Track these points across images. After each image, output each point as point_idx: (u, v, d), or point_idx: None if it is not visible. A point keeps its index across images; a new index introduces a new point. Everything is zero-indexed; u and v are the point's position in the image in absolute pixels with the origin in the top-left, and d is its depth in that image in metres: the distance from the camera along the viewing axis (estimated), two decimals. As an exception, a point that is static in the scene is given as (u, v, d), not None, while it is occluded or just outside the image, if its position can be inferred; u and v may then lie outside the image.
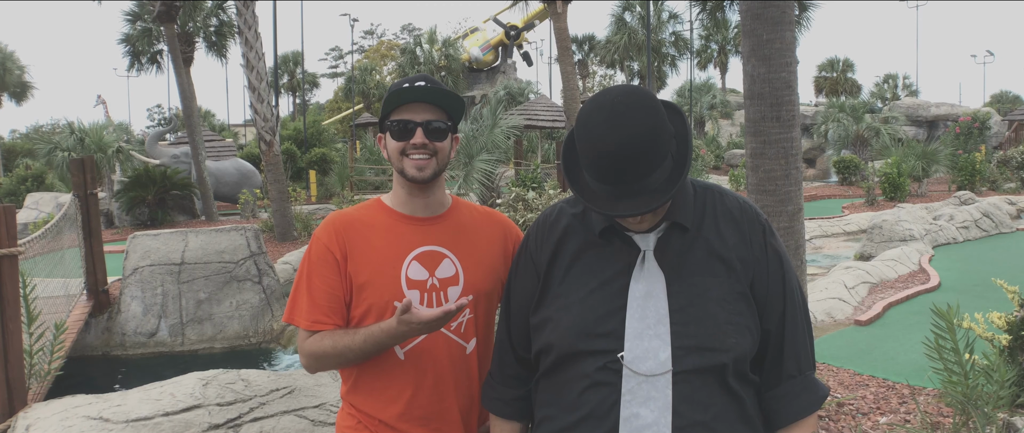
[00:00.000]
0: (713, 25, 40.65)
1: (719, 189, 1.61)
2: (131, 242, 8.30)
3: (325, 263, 1.76)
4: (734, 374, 1.49)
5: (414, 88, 1.75)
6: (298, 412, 3.88)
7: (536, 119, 24.13)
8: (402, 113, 1.76)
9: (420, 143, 1.75)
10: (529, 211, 8.00)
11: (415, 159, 1.76)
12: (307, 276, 1.77)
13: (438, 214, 1.85)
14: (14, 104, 42.77)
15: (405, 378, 1.77)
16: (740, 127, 39.42)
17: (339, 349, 1.72)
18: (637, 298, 1.47)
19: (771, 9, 3.96)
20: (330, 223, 1.80)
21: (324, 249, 1.76)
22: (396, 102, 1.76)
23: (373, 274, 1.75)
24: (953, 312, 3.39)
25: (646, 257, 1.50)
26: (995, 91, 59.11)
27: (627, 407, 1.44)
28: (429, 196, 1.83)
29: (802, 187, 4.14)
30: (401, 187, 1.83)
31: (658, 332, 1.45)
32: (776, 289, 1.53)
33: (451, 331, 1.79)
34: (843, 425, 4.31)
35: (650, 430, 1.42)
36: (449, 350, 1.79)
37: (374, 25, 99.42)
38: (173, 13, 18.30)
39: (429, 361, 1.77)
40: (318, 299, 1.75)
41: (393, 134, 1.77)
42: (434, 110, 1.77)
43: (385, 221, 1.82)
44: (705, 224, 1.54)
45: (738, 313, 1.48)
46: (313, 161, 24.55)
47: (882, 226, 11.41)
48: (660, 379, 1.43)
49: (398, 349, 1.76)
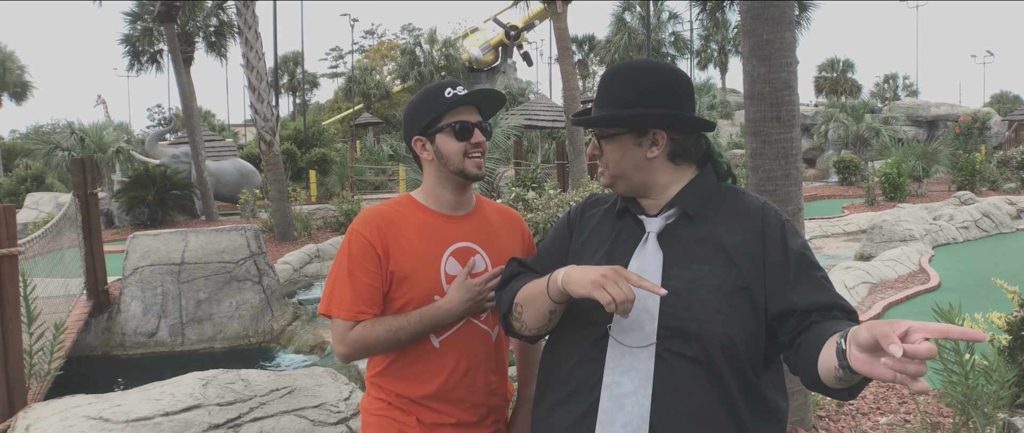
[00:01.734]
0: (713, 25, 40.69)
1: (743, 191, 1.68)
2: (131, 242, 8.30)
3: (367, 257, 1.84)
4: (730, 370, 1.48)
5: (475, 91, 1.90)
6: (298, 412, 3.88)
7: (536, 119, 24.15)
8: (459, 115, 1.89)
9: (479, 141, 1.90)
10: (529, 211, 7.99)
11: (475, 158, 1.89)
12: (348, 269, 1.84)
13: (469, 211, 1.98)
14: (14, 104, 42.79)
15: (440, 363, 1.88)
16: (740, 127, 39.42)
17: (393, 330, 1.83)
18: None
19: (771, 9, 3.96)
20: (370, 218, 1.88)
21: (366, 243, 1.84)
22: (453, 103, 1.88)
23: (415, 268, 1.85)
24: (954, 312, 3.39)
25: (649, 238, 1.58)
26: (995, 91, 59.15)
27: (609, 374, 1.49)
28: (466, 194, 1.97)
29: (802, 187, 4.14)
30: (446, 187, 1.94)
31: (647, 306, 1.49)
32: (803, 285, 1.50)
33: (480, 320, 1.91)
34: (843, 425, 4.31)
35: (629, 399, 1.46)
36: (481, 338, 1.92)
37: (374, 25, 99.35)
38: (173, 13, 18.30)
39: (462, 347, 1.89)
40: (361, 291, 1.83)
41: (456, 134, 1.88)
42: (478, 112, 1.94)
43: (422, 218, 1.92)
44: (718, 219, 1.59)
45: (733, 305, 1.49)
46: (313, 161, 24.57)
47: (882, 226, 11.41)
48: (643, 351, 1.48)
49: (433, 337, 1.88)
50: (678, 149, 1.62)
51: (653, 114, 1.59)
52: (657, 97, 1.60)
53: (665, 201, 1.62)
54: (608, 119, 1.62)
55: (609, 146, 1.64)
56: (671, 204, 1.61)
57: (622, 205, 1.67)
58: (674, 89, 1.62)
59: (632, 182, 1.64)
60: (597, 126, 1.65)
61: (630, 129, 1.62)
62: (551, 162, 23.88)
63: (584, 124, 1.69)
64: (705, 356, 1.46)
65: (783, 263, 1.53)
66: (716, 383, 1.47)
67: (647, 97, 1.60)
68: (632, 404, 1.46)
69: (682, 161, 1.64)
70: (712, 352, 1.46)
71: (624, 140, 1.62)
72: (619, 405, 1.46)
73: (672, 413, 1.45)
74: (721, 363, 1.47)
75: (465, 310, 1.85)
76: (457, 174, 1.90)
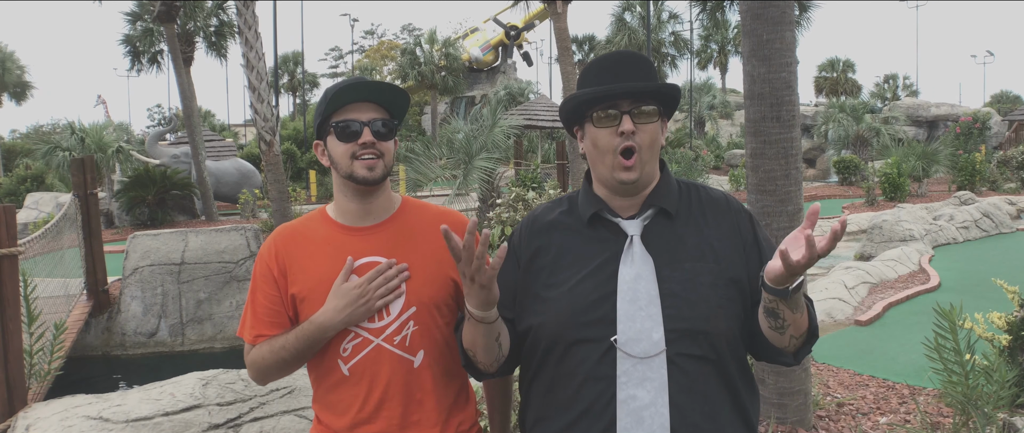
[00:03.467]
0: (713, 25, 40.64)
1: (700, 184, 1.66)
2: (131, 242, 8.30)
3: (265, 279, 1.76)
4: (734, 362, 1.49)
5: (356, 85, 1.69)
6: (298, 412, 3.88)
7: (536, 119, 24.16)
8: (345, 114, 1.70)
9: (368, 142, 1.68)
10: (529, 211, 7.99)
11: (365, 160, 1.68)
12: (251, 292, 1.78)
13: (381, 221, 1.77)
14: (14, 104, 42.79)
15: (351, 393, 1.72)
16: (740, 127, 39.41)
17: (275, 349, 1.71)
18: (627, 281, 1.48)
19: (771, 9, 3.96)
20: (272, 239, 1.80)
21: (264, 266, 1.76)
22: (337, 103, 1.69)
23: (312, 288, 1.71)
24: (955, 312, 3.38)
25: (633, 241, 1.52)
26: (995, 91, 59.21)
27: (623, 389, 1.44)
28: (374, 201, 1.76)
29: (802, 187, 4.14)
30: (345, 194, 1.76)
31: (650, 312, 1.45)
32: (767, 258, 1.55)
33: (394, 345, 1.71)
34: (843, 425, 4.31)
35: (648, 411, 1.42)
36: (393, 365, 1.71)
37: (374, 25, 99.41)
38: (173, 13, 18.30)
39: (371, 376, 1.71)
40: (260, 314, 1.75)
41: (339, 136, 1.69)
42: (377, 109, 1.72)
43: (326, 233, 1.77)
44: (692, 213, 1.57)
45: (729, 298, 1.49)
46: (313, 161, 24.56)
47: (882, 226, 11.41)
48: (655, 360, 1.43)
49: (342, 365, 1.72)
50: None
51: (678, 94, 1.55)
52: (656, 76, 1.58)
53: (640, 201, 1.56)
54: (660, 89, 1.51)
55: (646, 126, 1.51)
56: (647, 204, 1.55)
57: (592, 209, 1.56)
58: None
59: (650, 171, 1.55)
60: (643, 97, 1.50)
61: (663, 109, 1.55)
62: (551, 162, 23.88)
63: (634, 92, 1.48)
64: (714, 353, 1.46)
65: (757, 254, 1.55)
66: (724, 377, 1.48)
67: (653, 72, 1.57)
68: (651, 415, 1.42)
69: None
70: (720, 348, 1.47)
71: (658, 121, 1.54)
72: (638, 419, 1.42)
73: (691, 416, 1.44)
74: (727, 357, 1.48)
75: (344, 318, 1.66)
76: (348, 178, 1.71)
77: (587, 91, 1.51)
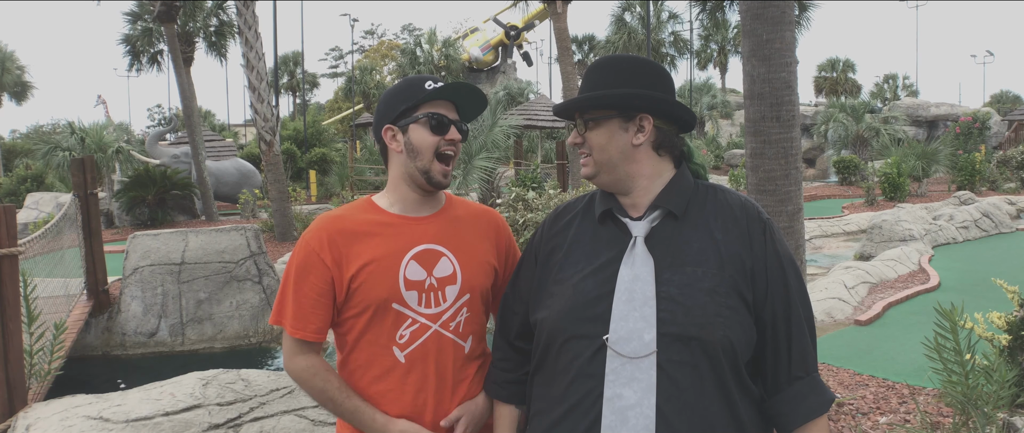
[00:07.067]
0: (713, 25, 40.67)
1: (722, 188, 1.63)
2: (131, 242, 8.30)
3: (313, 268, 1.72)
4: (731, 373, 1.46)
5: (457, 86, 1.75)
6: (298, 412, 3.88)
7: (536, 119, 24.13)
8: (437, 108, 1.76)
9: (457, 138, 1.76)
10: (529, 211, 7.99)
11: (446, 159, 1.76)
12: (294, 281, 1.73)
13: (435, 211, 1.83)
14: (14, 104, 42.77)
15: (407, 381, 1.74)
16: (740, 127, 39.40)
17: (323, 400, 1.74)
18: (625, 281, 1.48)
19: (771, 9, 3.96)
20: (321, 228, 1.75)
21: (313, 254, 1.73)
22: (433, 96, 1.74)
23: (371, 273, 1.72)
24: (956, 312, 3.38)
25: (637, 242, 1.52)
26: (995, 91, 59.19)
27: (610, 387, 1.44)
28: (434, 194, 1.82)
29: (802, 187, 4.14)
30: (410, 187, 1.79)
31: (643, 313, 1.45)
32: (778, 289, 1.52)
33: (450, 330, 1.76)
34: (843, 425, 4.31)
35: (633, 411, 1.42)
36: (450, 350, 1.76)
37: (374, 25, 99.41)
38: (173, 13, 18.30)
39: (431, 363, 1.74)
40: (304, 304, 1.72)
41: (432, 128, 1.74)
42: (456, 111, 1.80)
43: (380, 220, 1.78)
44: (703, 218, 1.55)
45: (729, 307, 1.46)
46: (313, 161, 24.56)
47: (882, 226, 11.41)
48: (644, 361, 1.43)
49: (398, 352, 1.73)
50: (662, 138, 1.57)
51: (644, 95, 1.54)
52: (644, 82, 1.56)
53: (648, 201, 1.56)
54: (596, 98, 1.56)
55: (595, 132, 1.57)
56: (655, 205, 1.55)
57: (603, 207, 1.59)
58: (660, 77, 1.59)
59: (616, 172, 1.56)
60: (584, 107, 1.58)
61: (618, 112, 1.56)
62: (551, 162, 23.87)
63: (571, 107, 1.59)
64: (707, 361, 1.44)
65: (764, 274, 1.52)
66: (718, 387, 1.45)
67: (634, 81, 1.56)
68: (636, 416, 1.42)
69: (665, 153, 1.59)
70: (714, 356, 1.44)
71: (611, 124, 1.56)
72: (623, 418, 1.42)
73: (677, 422, 1.42)
74: (722, 367, 1.45)
75: None
76: (422, 174, 1.75)
77: (555, 105, 1.69)
